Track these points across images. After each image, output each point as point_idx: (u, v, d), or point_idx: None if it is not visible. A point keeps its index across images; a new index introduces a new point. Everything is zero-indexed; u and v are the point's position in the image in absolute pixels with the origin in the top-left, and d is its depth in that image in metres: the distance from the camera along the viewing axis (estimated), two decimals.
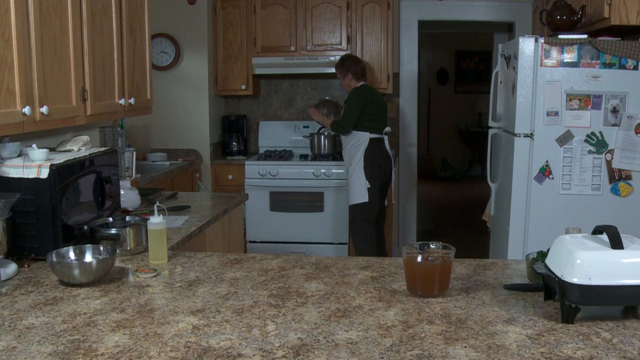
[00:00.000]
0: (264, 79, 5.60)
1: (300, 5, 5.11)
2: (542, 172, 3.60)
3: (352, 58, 4.61)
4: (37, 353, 1.39)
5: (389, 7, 5.07)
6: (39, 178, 2.04)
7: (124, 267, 2.07)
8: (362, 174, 4.44)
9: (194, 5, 5.03)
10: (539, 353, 1.38)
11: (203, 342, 1.44)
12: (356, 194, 4.47)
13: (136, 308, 1.67)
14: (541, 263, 1.68)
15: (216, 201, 3.27)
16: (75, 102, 2.47)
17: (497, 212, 4.11)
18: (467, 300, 1.72)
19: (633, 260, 1.53)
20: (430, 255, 1.79)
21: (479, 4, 5.43)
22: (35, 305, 1.70)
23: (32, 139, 2.47)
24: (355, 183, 4.47)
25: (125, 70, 2.99)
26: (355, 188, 4.48)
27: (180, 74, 5.11)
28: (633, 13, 3.36)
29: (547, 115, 3.55)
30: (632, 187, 3.55)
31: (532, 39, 3.53)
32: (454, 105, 10.34)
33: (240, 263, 2.10)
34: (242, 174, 5.02)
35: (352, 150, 4.49)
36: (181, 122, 5.15)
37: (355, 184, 4.48)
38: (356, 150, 4.47)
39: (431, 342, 1.44)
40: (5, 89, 1.99)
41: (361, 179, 4.44)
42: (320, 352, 1.39)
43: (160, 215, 2.11)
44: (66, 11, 2.39)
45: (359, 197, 4.46)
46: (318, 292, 1.80)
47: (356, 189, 4.47)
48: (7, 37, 1.99)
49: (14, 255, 2.04)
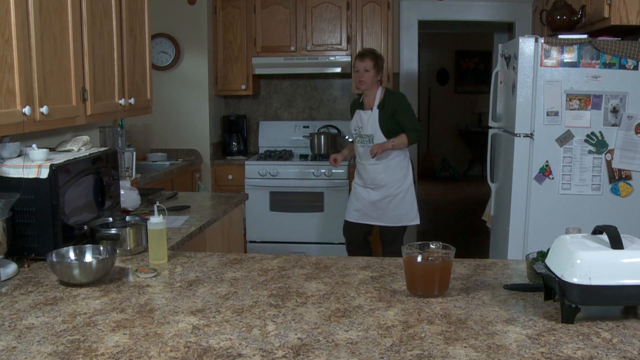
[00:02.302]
0: (264, 79, 5.60)
1: (300, 5, 5.11)
2: (542, 172, 3.60)
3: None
4: (37, 353, 1.39)
5: (389, 7, 5.07)
6: (39, 178, 2.04)
7: (124, 267, 2.07)
8: (414, 193, 4.05)
9: (194, 5, 5.02)
10: (539, 353, 1.38)
11: (203, 342, 1.44)
12: (407, 215, 4.05)
13: (136, 308, 1.67)
14: (541, 263, 1.68)
15: (216, 201, 3.27)
16: (75, 102, 2.47)
17: (497, 212, 4.11)
18: (467, 300, 1.72)
19: (633, 260, 1.53)
20: (430, 255, 1.79)
21: (479, 4, 5.43)
22: (35, 305, 1.70)
23: (32, 139, 2.47)
24: (407, 203, 4.03)
25: (125, 70, 2.99)
26: (406, 208, 4.03)
27: (180, 74, 5.11)
28: (633, 13, 3.36)
29: (547, 115, 3.55)
30: (632, 187, 3.55)
31: (532, 39, 3.53)
32: (454, 105, 10.33)
33: (240, 263, 2.10)
34: (242, 174, 5.02)
35: (397, 167, 3.98)
36: (181, 122, 5.15)
37: (406, 204, 4.03)
38: (402, 165, 4.01)
39: (431, 342, 1.44)
40: (5, 89, 1.99)
41: (413, 198, 4.04)
42: (320, 352, 1.39)
43: (160, 215, 2.11)
44: (66, 11, 2.39)
45: (410, 218, 4.06)
46: (318, 292, 1.80)
47: (407, 209, 4.04)
48: (7, 37, 1.99)
49: (14, 255, 2.04)
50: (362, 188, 4.07)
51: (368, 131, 3.96)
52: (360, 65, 3.93)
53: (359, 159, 4.06)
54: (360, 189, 4.09)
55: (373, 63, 3.92)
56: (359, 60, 3.94)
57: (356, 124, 4.03)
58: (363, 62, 3.91)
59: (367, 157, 3.94)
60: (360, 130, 4.01)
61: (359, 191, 4.09)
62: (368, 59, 3.91)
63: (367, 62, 3.90)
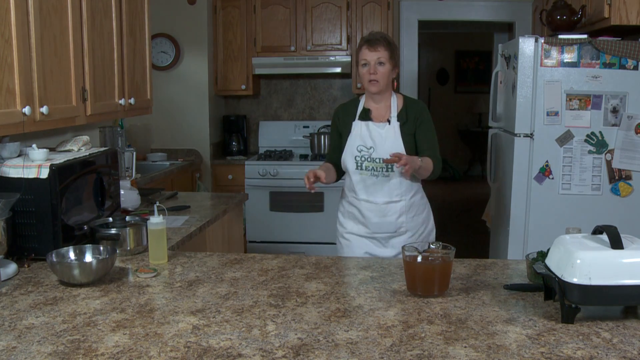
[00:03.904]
0: (264, 79, 5.60)
1: (300, 5, 5.11)
2: (542, 172, 3.60)
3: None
4: (37, 353, 1.39)
5: (389, 7, 5.07)
6: (39, 178, 2.04)
7: (124, 267, 2.07)
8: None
9: (194, 5, 5.02)
10: (539, 353, 1.38)
11: (203, 342, 1.44)
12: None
13: (136, 308, 1.67)
14: (541, 263, 1.68)
15: (216, 201, 3.27)
16: (75, 102, 2.47)
17: (497, 212, 4.11)
18: (467, 300, 1.72)
19: (633, 260, 1.53)
20: (430, 255, 1.79)
21: (479, 4, 5.43)
22: (35, 305, 1.70)
23: (32, 139, 2.47)
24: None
25: (125, 70, 2.99)
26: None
27: (180, 74, 5.11)
28: (633, 13, 3.36)
29: (547, 115, 3.55)
30: (632, 187, 3.55)
31: (532, 39, 3.53)
32: (454, 105, 10.33)
33: (240, 263, 2.10)
34: (242, 174, 5.02)
35: (419, 207, 2.76)
36: (181, 122, 5.15)
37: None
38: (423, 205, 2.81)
39: (431, 342, 1.44)
40: (5, 89, 1.99)
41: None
42: (320, 352, 1.39)
43: (160, 215, 2.11)
44: (66, 11, 2.39)
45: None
46: (318, 292, 1.80)
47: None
48: (7, 37, 1.99)
49: (14, 255, 2.04)
50: (361, 240, 2.73)
51: (385, 153, 2.59)
52: (371, 56, 2.61)
53: (363, 194, 2.68)
54: (357, 241, 2.74)
55: (389, 54, 2.63)
56: (368, 49, 2.63)
57: (362, 142, 2.67)
58: (375, 52, 2.61)
59: (380, 191, 2.66)
60: (370, 152, 2.65)
61: (356, 244, 2.73)
62: (382, 48, 2.61)
63: (380, 52, 2.61)
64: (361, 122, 2.71)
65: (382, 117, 2.70)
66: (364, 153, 2.67)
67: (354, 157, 2.69)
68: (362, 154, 2.67)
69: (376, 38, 2.64)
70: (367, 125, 2.69)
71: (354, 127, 2.72)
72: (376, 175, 2.66)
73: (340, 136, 2.80)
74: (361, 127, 2.70)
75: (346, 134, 2.74)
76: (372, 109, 2.73)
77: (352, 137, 2.71)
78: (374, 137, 2.66)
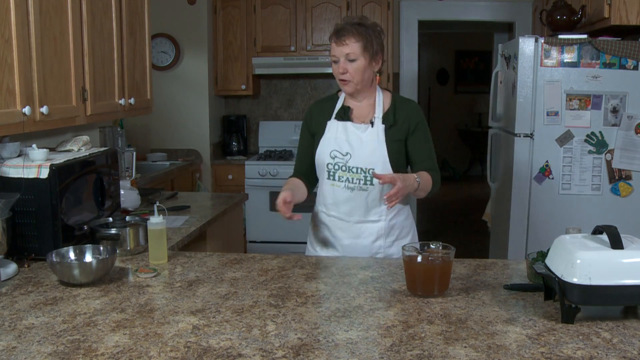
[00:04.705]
0: (264, 79, 5.60)
1: (300, 5, 5.11)
2: (542, 172, 3.60)
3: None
4: (37, 353, 1.39)
5: (389, 7, 5.07)
6: (39, 178, 2.04)
7: (124, 267, 2.07)
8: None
9: (194, 5, 5.03)
10: (539, 353, 1.38)
11: (203, 342, 1.44)
12: None
13: (136, 308, 1.67)
14: (541, 263, 1.68)
15: (216, 201, 3.27)
16: (75, 102, 2.47)
17: (497, 212, 4.11)
18: (467, 300, 1.72)
19: (633, 260, 1.53)
20: (430, 255, 1.78)
21: (479, 4, 5.43)
22: (35, 305, 1.70)
23: (32, 139, 2.47)
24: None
25: (125, 70, 2.99)
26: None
27: (180, 74, 5.11)
28: (633, 13, 3.36)
29: (547, 115, 3.55)
30: (632, 187, 3.55)
31: (532, 39, 3.53)
32: (454, 105, 10.33)
33: (240, 263, 2.10)
34: (242, 174, 5.02)
35: (403, 229, 2.33)
36: (181, 122, 5.15)
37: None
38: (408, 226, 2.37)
39: (431, 342, 1.44)
40: (5, 89, 1.99)
41: None
42: (320, 352, 1.38)
43: (160, 215, 2.11)
44: (66, 11, 2.39)
45: None
46: (318, 292, 1.80)
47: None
48: (7, 37, 1.99)
49: (14, 255, 2.04)
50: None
51: (364, 162, 2.21)
52: (339, 51, 2.18)
53: (334, 209, 2.29)
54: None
55: (362, 46, 2.16)
56: (335, 42, 2.18)
57: (336, 146, 2.24)
58: (343, 46, 2.16)
59: (355, 207, 2.24)
60: (345, 160, 2.23)
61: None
62: (352, 40, 2.15)
63: (349, 46, 2.15)
64: (338, 122, 2.26)
65: (364, 117, 2.26)
66: (338, 160, 2.22)
67: (325, 164, 2.24)
68: (335, 160, 2.23)
69: (345, 28, 2.17)
70: (344, 126, 2.24)
71: (329, 128, 2.26)
72: (351, 188, 2.22)
73: (312, 138, 2.33)
74: (337, 128, 2.25)
75: (319, 136, 2.28)
76: (352, 107, 2.28)
77: (325, 140, 2.26)
78: (351, 141, 2.22)
